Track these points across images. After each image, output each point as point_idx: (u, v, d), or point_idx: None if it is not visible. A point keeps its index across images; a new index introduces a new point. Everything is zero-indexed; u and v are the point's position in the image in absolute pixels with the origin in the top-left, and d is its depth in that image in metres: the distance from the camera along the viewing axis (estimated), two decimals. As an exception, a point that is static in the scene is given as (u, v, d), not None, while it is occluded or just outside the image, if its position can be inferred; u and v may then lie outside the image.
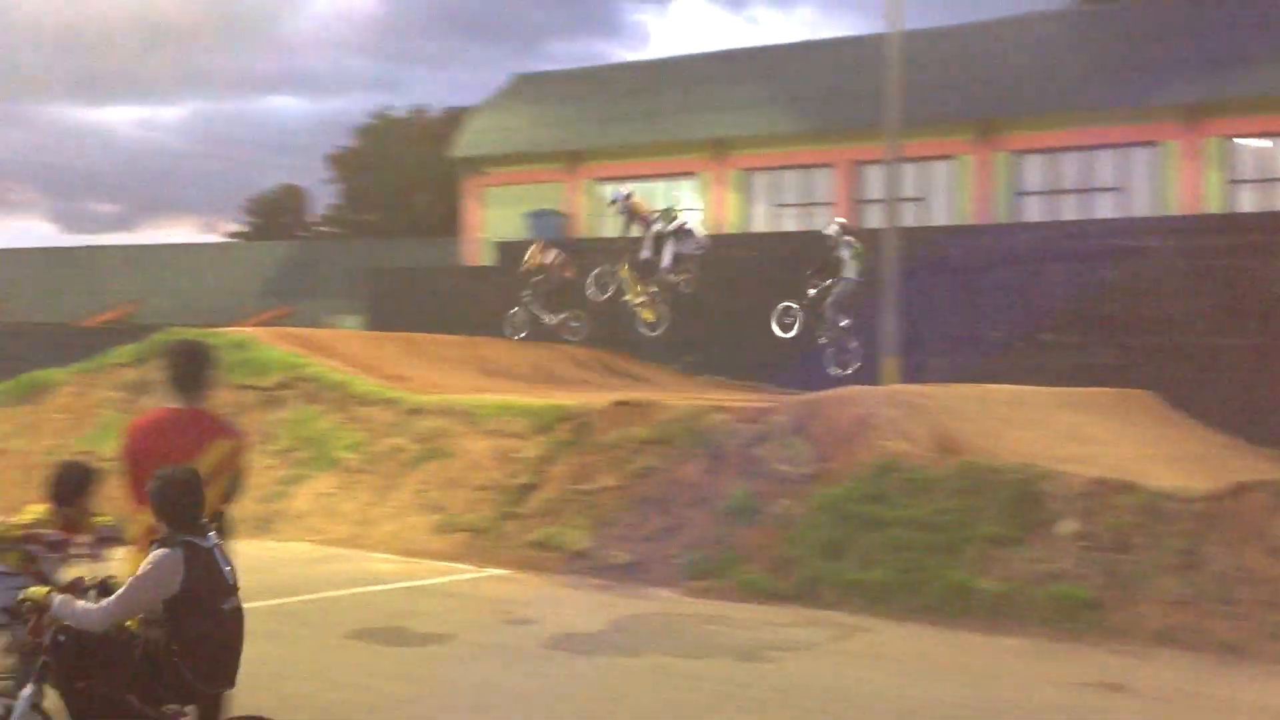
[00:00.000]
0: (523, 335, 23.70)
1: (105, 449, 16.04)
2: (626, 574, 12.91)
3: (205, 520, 5.63)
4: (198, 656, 5.57)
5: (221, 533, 5.78)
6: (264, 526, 15.53)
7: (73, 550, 7.01)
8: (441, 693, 8.65)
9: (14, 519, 7.06)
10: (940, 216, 27.61)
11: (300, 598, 11.71)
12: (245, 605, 5.64)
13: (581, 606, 11.72)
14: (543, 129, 33.67)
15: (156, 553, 5.47)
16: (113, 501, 6.97)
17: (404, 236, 47.97)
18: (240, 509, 6.32)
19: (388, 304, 30.98)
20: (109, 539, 6.97)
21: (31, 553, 6.86)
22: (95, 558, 6.95)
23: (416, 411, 16.46)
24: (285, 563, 13.69)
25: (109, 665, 5.54)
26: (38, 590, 5.58)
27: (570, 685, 8.90)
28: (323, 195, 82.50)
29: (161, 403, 6.00)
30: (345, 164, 64.86)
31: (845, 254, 19.73)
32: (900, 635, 10.70)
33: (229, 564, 5.74)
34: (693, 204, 30.06)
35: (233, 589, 5.71)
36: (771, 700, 8.49)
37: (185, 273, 49.25)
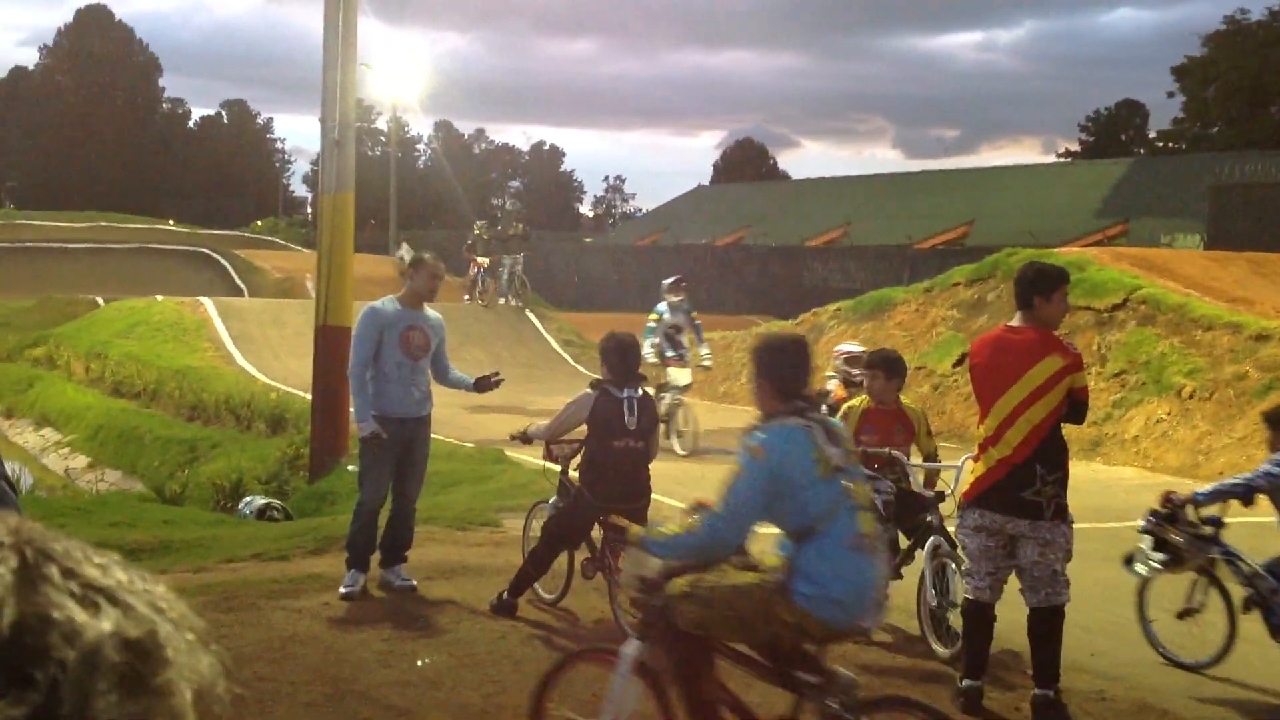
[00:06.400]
0: None
1: (940, 365, 16.77)
2: None
3: (637, 373, 7.02)
4: (592, 478, 6.93)
5: (1055, 450, 5.88)
6: (1093, 449, 15.37)
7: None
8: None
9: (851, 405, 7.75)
10: None
11: (1130, 524, 11.40)
12: (1077, 526, 5.67)
13: None
14: None
15: (580, 392, 7.08)
16: (946, 416, 7.26)
17: (1253, 149, 44.68)
18: (1071, 430, 6.30)
19: (1231, 222, 29.02)
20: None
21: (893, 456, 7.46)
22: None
23: (1262, 338, 15.29)
24: (1114, 488, 13.42)
25: None
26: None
27: None
28: (1164, 110, 79.15)
29: (1005, 321, 6.26)
30: (1190, 75, 61.50)
31: None
32: None
33: (641, 413, 6.87)
34: None
35: (632, 433, 6.82)
36: None
37: (1019, 193, 49.80)
